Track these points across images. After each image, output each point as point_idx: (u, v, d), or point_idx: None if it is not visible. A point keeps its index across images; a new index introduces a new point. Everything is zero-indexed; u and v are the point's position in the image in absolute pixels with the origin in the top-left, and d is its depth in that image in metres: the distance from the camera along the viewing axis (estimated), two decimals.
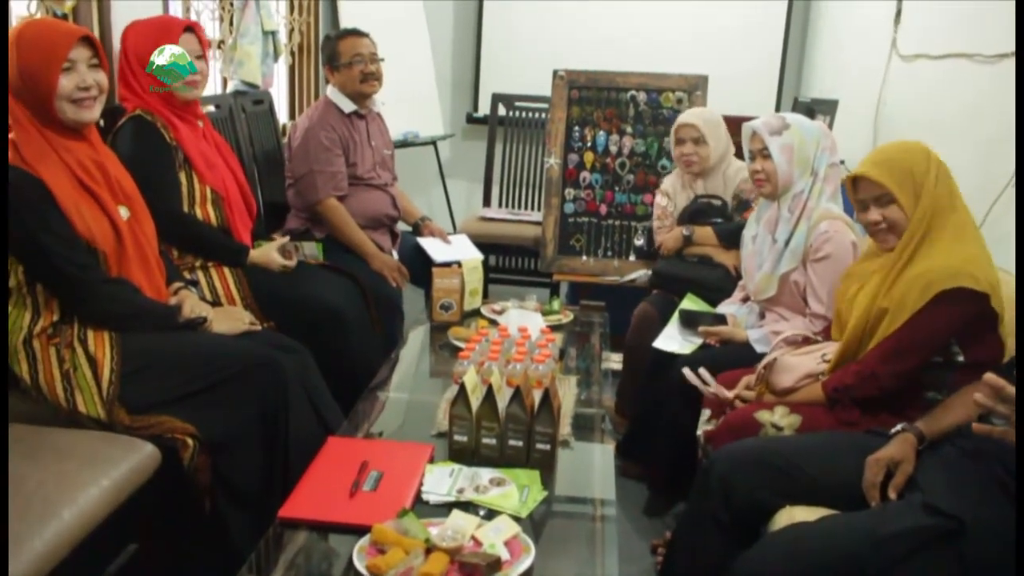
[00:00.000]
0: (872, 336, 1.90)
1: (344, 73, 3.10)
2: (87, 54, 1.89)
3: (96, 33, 2.43)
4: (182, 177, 2.38)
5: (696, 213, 2.98)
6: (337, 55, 3.10)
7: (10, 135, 1.85)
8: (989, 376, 1.33)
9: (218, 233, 2.47)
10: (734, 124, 2.83)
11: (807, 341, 2.19)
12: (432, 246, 3.32)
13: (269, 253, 2.57)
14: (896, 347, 1.83)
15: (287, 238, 2.73)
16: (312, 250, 2.89)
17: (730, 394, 2.12)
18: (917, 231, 1.85)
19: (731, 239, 2.79)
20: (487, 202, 4.49)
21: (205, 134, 2.52)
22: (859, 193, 1.93)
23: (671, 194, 3.06)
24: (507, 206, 4.50)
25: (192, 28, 2.44)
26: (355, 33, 3.15)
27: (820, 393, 1.96)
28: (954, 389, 1.81)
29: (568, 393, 2.20)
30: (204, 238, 2.44)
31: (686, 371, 2.18)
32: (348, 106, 3.12)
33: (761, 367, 2.10)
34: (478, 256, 3.24)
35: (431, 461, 1.78)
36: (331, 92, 3.15)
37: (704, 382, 2.15)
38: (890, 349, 1.84)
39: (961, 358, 1.84)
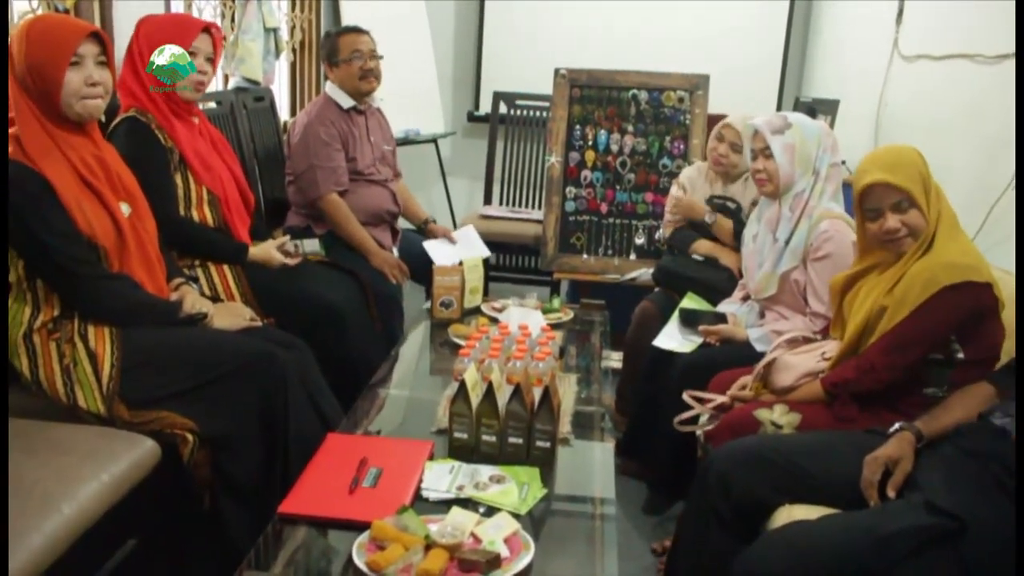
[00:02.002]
0: (872, 333, 1.90)
1: (343, 69, 3.10)
2: (95, 50, 1.89)
3: None
4: (178, 179, 2.35)
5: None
6: (336, 51, 3.10)
7: (12, 130, 1.84)
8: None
9: (216, 234, 2.45)
10: None
11: (806, 340, 2.19)
12: (437, 251, 3.27)
13: (269, 251, 2.55)
14: (898, 340, 1.83)
15: (287, 237, 2.71)
16: (313, 246, 2.88)
17: (726, 397, 2.12)
18: (930, 231, 1.85)
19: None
20: (488, 200, 4.49)
21: (201, 130, 2.49)
22: (872, 202, 1.88)
23: (688, 188, 3.02)
24: (508, 204, 4.50)
25: (209, 29, 2.40)
26: (355, 30, 3.15)
27: (819, 391, 1.96)
28: (953, 386, 1.82)
29: (568, 391, 2.20)
30: (202, 240, 2.42)
31: (686, 396, 2.18)
32: (347, 102, 3.12)
33: (761, 367, 2.10)
34: (484, 251, 3.22)
35: (431, 458, 1.78)
36: (330, 88, 3.15)
37: (701, 401, 2.16)
38: (892, 342, 1.84)
39: (961, 355, 1.83)
